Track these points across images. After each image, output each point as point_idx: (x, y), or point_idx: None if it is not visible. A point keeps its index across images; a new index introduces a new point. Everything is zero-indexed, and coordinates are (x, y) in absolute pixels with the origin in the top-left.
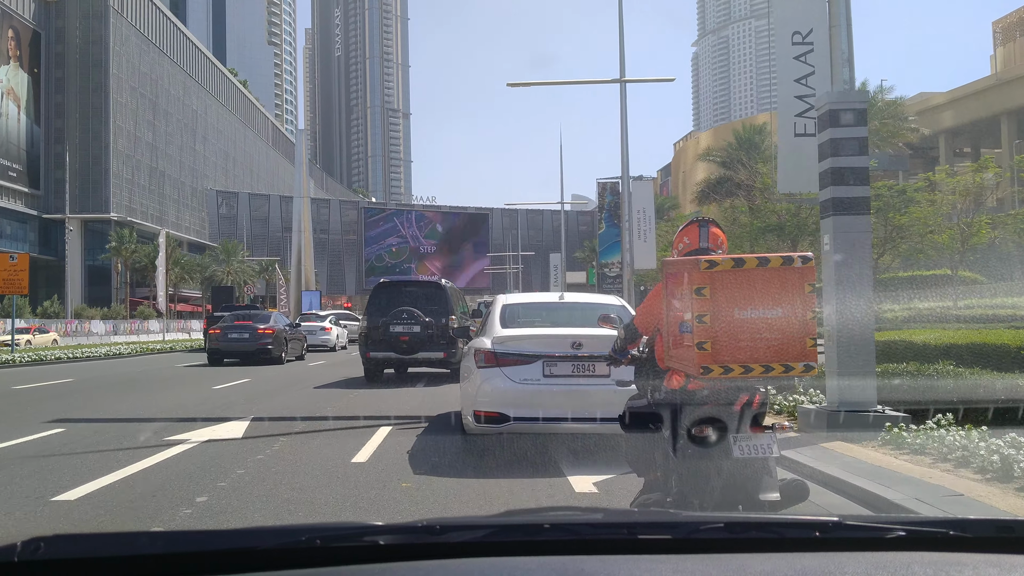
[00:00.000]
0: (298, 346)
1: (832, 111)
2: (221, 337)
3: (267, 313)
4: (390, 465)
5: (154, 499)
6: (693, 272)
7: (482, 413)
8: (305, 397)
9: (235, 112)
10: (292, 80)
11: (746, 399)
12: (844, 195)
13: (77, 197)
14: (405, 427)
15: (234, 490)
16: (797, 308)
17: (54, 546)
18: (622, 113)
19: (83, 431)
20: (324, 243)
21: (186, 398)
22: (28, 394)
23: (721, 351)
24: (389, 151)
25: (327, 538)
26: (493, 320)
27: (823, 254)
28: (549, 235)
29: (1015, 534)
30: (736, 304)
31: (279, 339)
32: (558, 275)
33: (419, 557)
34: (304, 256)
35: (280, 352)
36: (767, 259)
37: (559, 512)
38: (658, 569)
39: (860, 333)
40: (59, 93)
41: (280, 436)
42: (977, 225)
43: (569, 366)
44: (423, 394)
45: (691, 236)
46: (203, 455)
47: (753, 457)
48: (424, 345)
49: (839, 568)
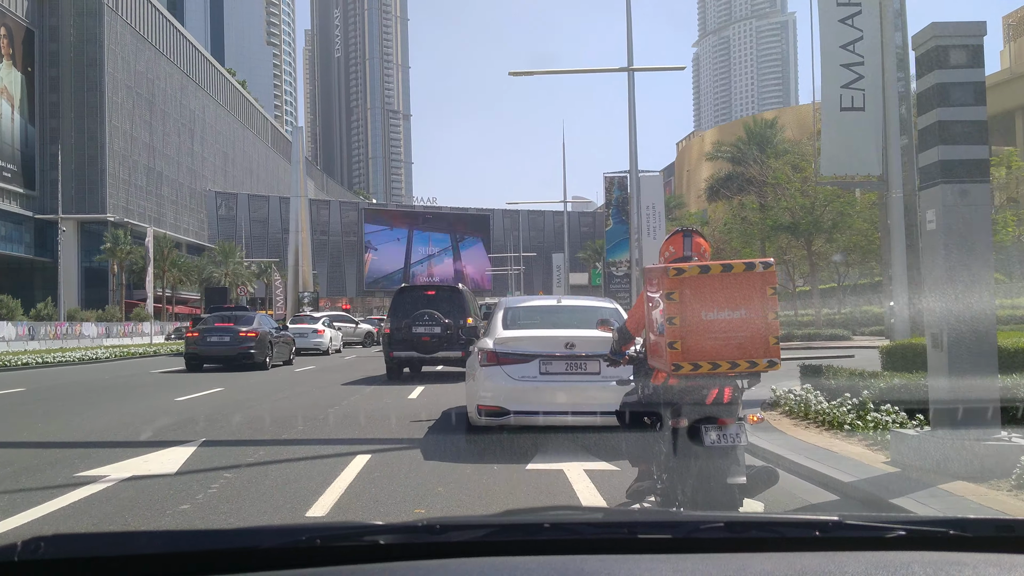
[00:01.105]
0: (285, 350)
1: (939, 47)
2: (199, 340)
3: (251, 315)
4: (359, 518)
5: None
6: (663, 279)
7: (484, 407)
8: (280, 410)
9: (234, 112)
10: (292, 81)
11: (716, 392)
12: (955, 157)
13: (73, 198)
14: (388, 450)
15: None
16: (760, 309)
17: (54, 546)
18: (630, 103)
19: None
20: (324, 244)
21: (138, 413)
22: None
23: (690, 350)
24: (389, 152)
25: (327, 537)
26: (496, 322)
27: (925, 235)
28: (551, 236)
29: (1015, 534)
30: (703, 307)
31: (263, 342)
32: (561, 275)
33: (419, 557)
34: (301, 256)
35: (264, 357)
36: (731, 265)
37: (559, 512)
38: (658, 569)
39: (979, 337)
40: (53, 92)
41: (225, 471)
42: (1002, 222)
43: (563, 364)
44: (416, 408)
45: (676, 245)
46: (110, 503)
47: (723, 446)
48: (444, 345)
49: (839, 568)
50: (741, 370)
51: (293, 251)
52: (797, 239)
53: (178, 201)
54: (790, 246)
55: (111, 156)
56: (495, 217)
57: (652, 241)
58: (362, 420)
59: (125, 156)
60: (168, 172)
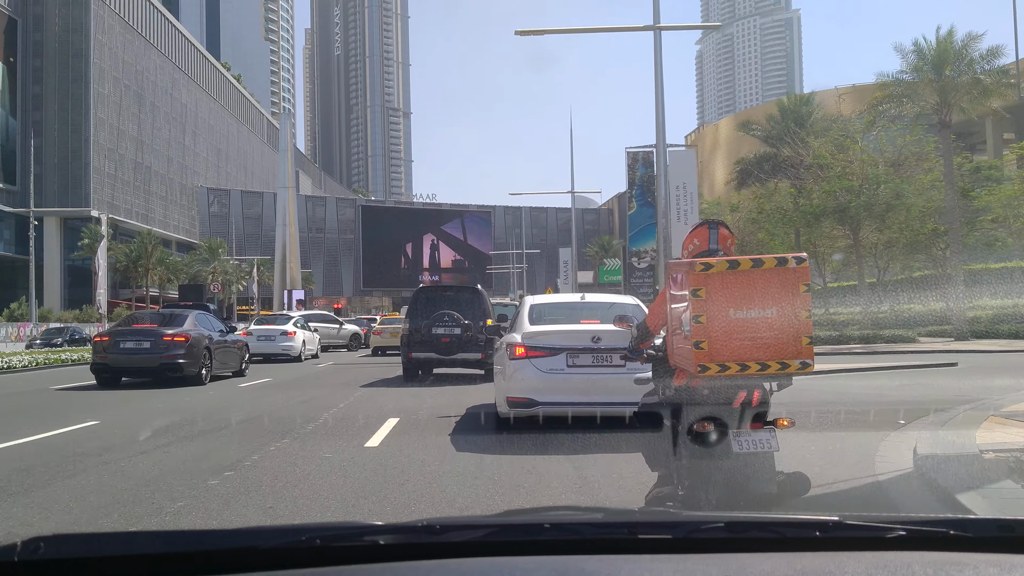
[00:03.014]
0: (234, 358)
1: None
2: (110, 347)
3: (185, 314)
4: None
5: None
6: (689, 274)
7: (513, 399)
8: (146, 471)
9: (228, 107)
10: (290, 78)
11: (744, 396)
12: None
13: (56, 193)
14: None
15: None
16: (792, 307)
17: (54, 546)
18: (656, 67)
19: None
20: (320, 242)
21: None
22: None
23: (717, 350)
24: (389, 150)
25: (327, 538)
26: (523, 318)
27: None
28: (554, 233)
29: (1015, 533)
30: (731, 304)
31: (196, 349)
32: (568, 272)
33: (419, 557)
34: (289, 252)
35: (198, 368)
36: (761, 260)
37: (559, 512)
38: (659, 569)
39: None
40: (37, 84)
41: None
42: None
43: (590, 357)
44: (373, 474)
45: (701, 238)
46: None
47: (753, 452)
48: (463, 346)
49: (839, 568)
50: (771, 372)
51: (280, 247)
52: (842, 227)
53: (168, 197)
54: (831, 234)
55: (96, 150)
56: (496, 214)
57: (683, 227)
58: (270, 496)
59: (111, 150)
60: (157, 167)
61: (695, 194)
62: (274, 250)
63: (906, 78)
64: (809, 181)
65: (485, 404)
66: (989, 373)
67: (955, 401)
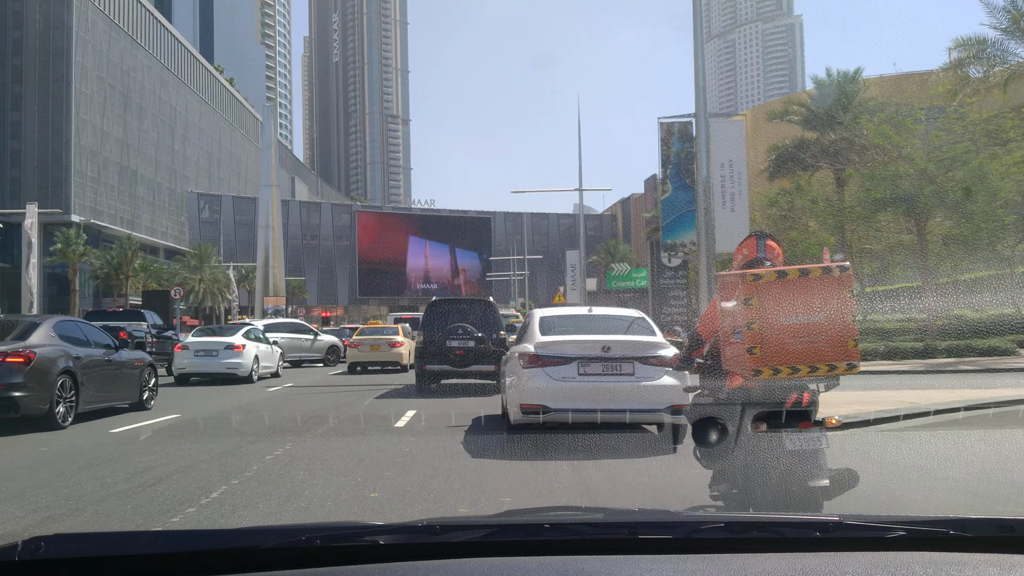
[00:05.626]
0: (128, 384)
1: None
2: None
3: (35, 321)
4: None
5: None
6: (741, 284)
7: (526, 406)
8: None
9: (220, 111)
10: (286, 83)
11: (795, 397)
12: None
13: (35, 196)
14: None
15: None
16: (838, 313)
17: (55, 545)
18: (696, 20)
19: None
20: (315, 249)
21: None
22: None
23: (769, 354)
24: (388, 158)
25: (327, 538)
26: (533, 329)
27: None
28: (556, 240)
29: (1015, 533)
30: (781, 311)
31: (42, 375)
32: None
33: (419, 557)
34: (272, 258)
35: (42, 403)
36: (807, 270)
37: (559, 512)
38: (659, 569)
39: None
40: (16, 83)
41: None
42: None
43: (600, 366)
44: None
45: (750, 248)
46: None
47: (805, 449)
48: (477, 359)
49: (839, 568)
50: (820, 374)
51: (263, 252)
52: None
53: (155, 202)
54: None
55: (77, 152)
56: (496, 220)
57: (730, 215)
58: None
59: (94, 152)
60: (144, 171)
61: (743, 175)
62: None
63: (992, 36)
64: (862, 167)
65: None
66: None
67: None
